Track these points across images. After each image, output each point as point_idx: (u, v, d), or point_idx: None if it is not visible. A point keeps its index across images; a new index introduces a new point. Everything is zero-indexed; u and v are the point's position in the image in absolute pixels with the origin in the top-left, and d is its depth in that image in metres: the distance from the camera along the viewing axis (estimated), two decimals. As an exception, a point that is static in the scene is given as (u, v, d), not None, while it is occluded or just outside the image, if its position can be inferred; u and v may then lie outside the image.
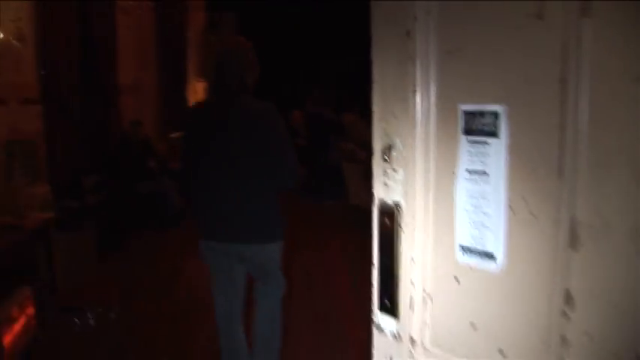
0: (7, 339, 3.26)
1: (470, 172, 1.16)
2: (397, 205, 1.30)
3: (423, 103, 1.23)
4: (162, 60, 10.70)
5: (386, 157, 1.31)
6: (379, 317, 1.40)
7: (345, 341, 4.56)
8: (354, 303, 5.18)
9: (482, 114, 1.13)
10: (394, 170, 1.30)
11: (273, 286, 3.52)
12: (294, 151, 3.26)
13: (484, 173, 1.14)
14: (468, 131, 1.15)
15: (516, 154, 1.09)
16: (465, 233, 1.19)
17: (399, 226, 1.30)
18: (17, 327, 3.49)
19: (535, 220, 1.07)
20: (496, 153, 1.11)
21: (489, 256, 1.15)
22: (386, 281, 1.36)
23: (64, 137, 6.46)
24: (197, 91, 13.63)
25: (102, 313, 3.65)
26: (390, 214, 1.31)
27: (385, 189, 1.33)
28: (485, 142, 1.13)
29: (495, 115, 1.10)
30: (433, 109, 1.22)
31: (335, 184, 9.33)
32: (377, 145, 1.33)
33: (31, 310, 3.22)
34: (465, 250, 1.20)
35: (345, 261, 6.55)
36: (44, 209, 5.00)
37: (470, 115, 1.15)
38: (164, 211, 7.78)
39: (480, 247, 1.17)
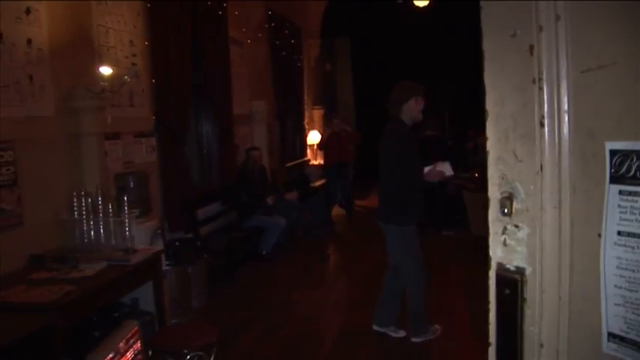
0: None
1: (622, 234, 0.84)
2: (521, 273, 0.99)
3: (552, 139, 0.92)
4: (278, 89, 10.73)
5: (505, 210, 1.01)
6: (499, 413, 1.09)
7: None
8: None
9: (638, 154, 0.81)
10: (516, 227, 1.00)
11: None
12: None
13: (642, 236, 0.82)
14: (619, 178, 0.84)
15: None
16: (615, 317, 0.87)
17: (524, 300, 0.99)
18: (123, 360, 3.40)
19: None
20: (661, 209, 0.79)
21: (652, 350, 0.83)
22: (507, 368, 1.05)
23: (178, 169, 6.48)
24: (314, 118, 13.62)
25: (201, 357, 3.50)
26: (511, 283, 1.01)
27: (505, 250, 1.02)
28: (643, 194, 0.81)
29: (659, 156, 0.79)
30: (567, 149, 0.91)
31: (453, 213, 8.94)
32: (493, 194, 1.03)
33: (137, 345, 3.12)
34: (615, 338, 0.88)
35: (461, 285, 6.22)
36: (154, 242, 4.98)
37: (621, 156, 0.84)
38: (260, 247, 7.70)
39: (635, 337, 0.85)
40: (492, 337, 1.08)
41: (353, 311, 5.31)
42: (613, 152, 0.85)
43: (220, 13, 7.77)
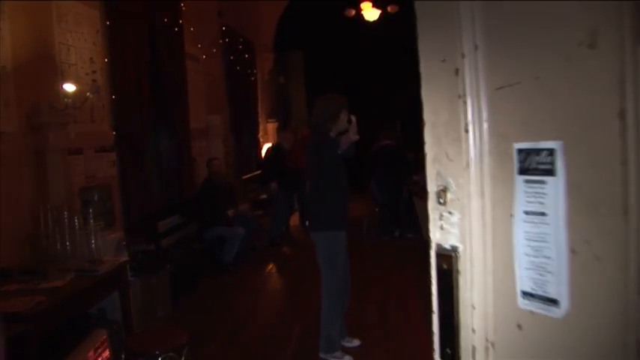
0: (83, 383, 3.31)
1: (528, 213, 1.10)
2: (454, 250, 1.24)
3: (475, 143, 1.18)
4: (232, 103, 10.92)
5: (441, 200, 1.26)
6: (441, 366, 1.33)
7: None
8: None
9: (537, 152, 1.07)
10: (450, 213, 1.25)
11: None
12: None
13: (543, 214, 1.07)
14: (524, 170, 1.09)
15: (576, 193, 1.02)
16: (525, 278, 1.12)
17: (458, 271, 1.24)
18: (93, 370, 3.54)
19: (600, 263, 1.00)
20: (554, 192, 1.04)
21: (552, 301, 1.08)
22: (446, 329, 1.29)
23: (138, 183, 6.63)
24: (268, 131, 13.84)
25: (172, 357, 3.67)
26: (447, 258, 1.26)
27: (442, 233, 1.27)
28: (542, 182, 1.06)
29: (551, 152, 1.04)
30: (486, 149, 1.17)
31: (408, 219, 9.27)
32: (431, 188, 1.28)
33: (106, 354, 3.26)
34: (527, 295, 1.13)
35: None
36: (118, 253, 5.14)
37: (525, 154, 1.09)
38: (221, 257, 7.88)
39: (542, 293, 1.10)
40: (435, 306, 1.32)
41: (315, 315, 5.55)
42: (519, 150, 1.10)
43: (176, 29, 7.95)
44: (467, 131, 1.18)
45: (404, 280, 7.07)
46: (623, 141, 0.94)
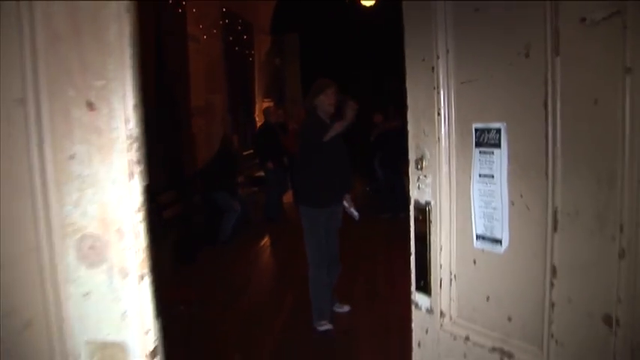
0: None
1: (481, 176, 1.49)
2: (427, 204, 1.64)
3: (445, 123, 1.57)
4: (230, 82, 11.23)
5: (419, 166, 1.65)
6: (416, 296, 1.73)
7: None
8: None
9: (488, 130, 1.46)
10: (425, 176, 1.64)
11: None
12: None
13: (491, 176, 1.46)
14: (479, 144, 1.49)
15: (514, 161, 1.41)
16: (479, 224, 1.52)
17: (430, 220, 1.64)
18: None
19: (529, 211, 1.39)
20: (499, 160, 1.44)
21: (497, 241, 1.47)
22: (421, 266, 1.69)
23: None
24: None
25: (183, 310, 4.06)
26: (422, 211, 1.65)
27: (418, 191, 1.67)
28: (491, 152, 1.45)
29: (498, 131, 1.43)
30: (453, 128, 1.56)
31: (398, 198, 9.59)
32: (412, 157, 1.67)
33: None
34: (480, 237, 1.52)
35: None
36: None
37: (480, 132, 1.48)
38: (221, 229, 8.26)
39: (490, 235, 1.49)
40: (412, 248, 1.72)
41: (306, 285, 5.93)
42: (476, 129, 1.49)
43: (180, 10, 8.26)
44: (439, 114, 1.57)
45: (394, 257, 7.45)
46: (546, 124, 1.32)
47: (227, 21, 10.96)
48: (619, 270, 1.20)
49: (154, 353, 1.02)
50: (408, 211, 1.74)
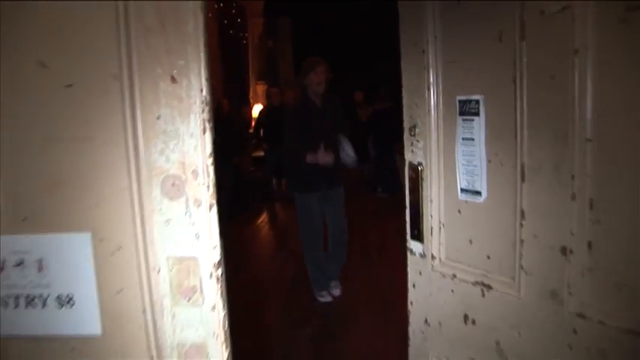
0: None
1: (464, 139, 1.81)
2: (420, 164, 1.96)
3: (434, 96, 1.89)
4: (225, 64, 11.47)
5: (412, 133, 1.97)
6: (411, 243, 2.06)
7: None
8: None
9: (469, 102, 1.78)
10: (417, 141, 1.96)
11: None
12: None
13: (472, 140, 1.78)
14: (462, 113, 1.80)
15: (490, 126, 1.73)
16: (463, 179, 1.84)
17: (421, 178, 1.96)
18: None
19: (502, 166, 1.71)
20: (478, 126, 1.76)
21: (477, 193, 1.80)
22: (414, 217, 2.02)
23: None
24: (258, 92, 14.44)
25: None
26: (415, 170, 1.97)
27: (412, 154, 1.99)
28: (472, 120, 1.77)
29: (477, 102, 1.75)
30: (441, 100, 1.88)
31: (393, 178, 9.86)
32: (406, 125, 2.00)
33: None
34: (463, 190, 1.85)
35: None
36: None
37: (462, 103, 1.80)
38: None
39: (471, 188, 1.82)
40: (407, 202, 2.04)
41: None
42: (460, 101, 1.81)
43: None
44: (429, 89, 1.89)
45: (387, 232, 7.80)
46: (515, 96, 1.64)
47: (221, 4, 11.19)
48: (571, 210, 1.53)
49: (219, 264, 1.35)
50: (404, 190, 2.06)
